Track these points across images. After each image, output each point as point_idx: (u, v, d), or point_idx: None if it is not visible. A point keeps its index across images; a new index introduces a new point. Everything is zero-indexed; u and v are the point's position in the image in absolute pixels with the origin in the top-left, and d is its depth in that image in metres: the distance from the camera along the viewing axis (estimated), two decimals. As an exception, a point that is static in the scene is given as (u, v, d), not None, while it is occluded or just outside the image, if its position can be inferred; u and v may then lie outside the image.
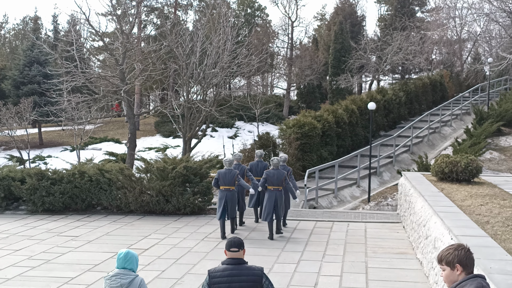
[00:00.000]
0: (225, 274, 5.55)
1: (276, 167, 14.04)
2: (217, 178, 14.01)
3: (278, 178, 13.89)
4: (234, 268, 5.57)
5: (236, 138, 35.71)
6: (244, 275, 5.54)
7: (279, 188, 13.96)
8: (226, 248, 5.64)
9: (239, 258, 5.61)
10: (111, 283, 5.96)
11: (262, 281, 5.57)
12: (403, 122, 33.02)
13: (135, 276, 5.97)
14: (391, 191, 22.57)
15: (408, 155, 27.38)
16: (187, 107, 22.99)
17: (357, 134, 28.00)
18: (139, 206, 17.47)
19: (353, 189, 23.01)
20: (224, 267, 5.59)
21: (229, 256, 5.62)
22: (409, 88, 34.42)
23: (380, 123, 30.67)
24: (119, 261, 5.98)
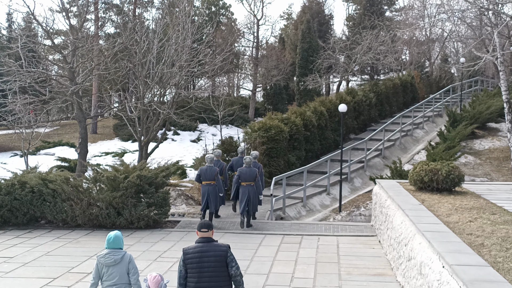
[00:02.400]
0: (196, 251, 6.94)
1: (249, 165, 16.04)
2: (199, 174, 16.09)
3: (250, 175, 15.97)
4: (204, 245, 6.96)
5: (199, 142, 34.94)
6: (212, 251, 6.93)
7: (251, 183, 15.99)
8: (198, 229, 7.03)
9: (208, 237, 7.02)
10: (105, 260, 7.60)
11: (227, 255, 6.94)
12: (373, 125, 32.73)
13: (124, 252, 7.70)
14: (364, 199, 21.89)
15: (380, 160, 26.95)
16: (143, 109, 21.61)
17: (326, 138, 27.34)
18: (87, 220, 16.28)
19: (323, 197, 22.22)
20: (195, 245, 7.00)
21: (200, 235, 7.04)
22: (380, 89, 33.99)
23: (350, 125, 30.17)
24: (109, 243, 7.66)
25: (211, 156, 16.27)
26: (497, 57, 23.77)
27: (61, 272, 11.77)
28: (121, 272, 7.63)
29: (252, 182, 16.00)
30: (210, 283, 6.94)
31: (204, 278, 6.95)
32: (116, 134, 38.07)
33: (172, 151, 32.07)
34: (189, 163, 28.66)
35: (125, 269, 7.65)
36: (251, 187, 16.00)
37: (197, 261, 6.91)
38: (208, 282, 6.94)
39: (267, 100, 44.31)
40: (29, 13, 28.41)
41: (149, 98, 23.16)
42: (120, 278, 7.63)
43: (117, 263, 7.62)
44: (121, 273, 7.63)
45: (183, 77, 22.66)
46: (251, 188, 15.99)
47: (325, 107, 27.92)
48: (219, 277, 6.97)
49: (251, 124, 24.22)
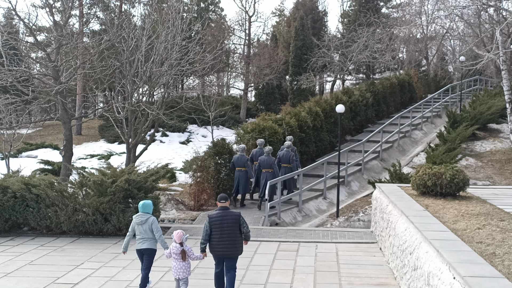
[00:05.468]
0: (218, 215, 10.16)
1: (268, 154, 19.82)
2: (233, 162, 19.91)
3: (268, 163, 19.71)
4: (223, 212, 10.20)
5: (189, 144, 34.73)
6: (230, 216, 10.20)
7: (269, 170, 19.65)
8: (218, 200, 10.31)
9: (226, 206, 10.28)
10: (136, 220, 10.99)
11: (239, 219, 10.21)
12: (370, 126, 32.65)
13: (149, 216, 10.99)
14: (362, 203, 21.72)
15: (378, 162, 26.83)
16: (131, 110, 21.42)
17: (322, 140, 27.19)
18: (72, 227, 16.07)
19: (319, 201, 22.05)
20: (217, 212, 10.22)
21: (220, 205, 10.27)
22: (377, 88, 33.68)
23: (346, 126, 30.05)
24: (140, 208, 11.02)
25: (242, 146, 20.16)
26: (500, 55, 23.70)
27: (46, 282, 11.57)
28: (147, 229, 10.89)
29: (271, 169, 19.60)
30: (229, 236, 10.13)
31: (224, 234, 10.12)
32: (101, 136, 37.75)
33: (161, 154, 31.90)
34: (178, 166, 28.48)
35: (149, 228, 10.88)
36: (269, 173, 19.57)
37: (220, 222, 10.08)
38: (227, 236, 10.13)
39: (259, 100, 44.20)
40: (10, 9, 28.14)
41: (137, 98, 23.02)
42: (146, 233, 10.91)
43: (143, 223, 10.89)
44: (146, 230, 10.89)
45: (172, 76, 22.50)
46: (269, 174, 19.54)
47: (321, 107, 27.88)
48: (234, 233, 10.18)
49: (244, 126, 24.15)
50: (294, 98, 40.54)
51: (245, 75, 43.47)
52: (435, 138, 29.69)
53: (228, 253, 10.21)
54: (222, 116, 33.48)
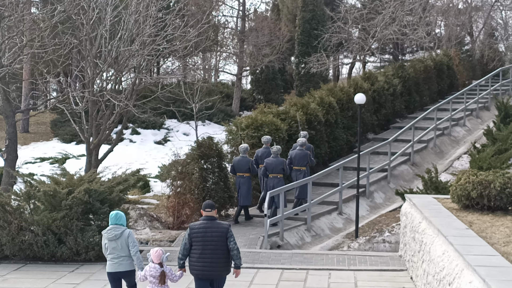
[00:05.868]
0: (201, 227, 10.44)
1: (276, 155, 19.99)
2: (233, 165, 20.44)
3: (277, 165, 19.86)
4: (208, 222, 10.48)
5: (166, 144, 34.71)
6: (215, 228, 10.45)
7: (278, 175, 19.84)
8: (203, 208, 10.59)
9: (212, 216, 10.58)
10: (107, 235, 11.24)
11: (227, 232, 10.46)
12: (399, 121, 32.67)
13: (124, 228, 11.25)
14: (388, 220, 21.81)
15: (409, 167, 27.06)
16: (92, 100, 21.46)
17: (336, 138, 27.24)
18: (17, 250, 16.12)
19: (333, 217, 22.21)
20: (200, 222, 10.52)
21: (204, 214, 10.57)
22: (407, 73, 34.03)
23: (368, 122, 30.06)
24: (112, 219, 11.29)
25: (245, 146, 20.40)
26: None
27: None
28: (123, 245, 11.16)
29: (280, 174, 19.83)
30: (212, 254, 10.40)
31: (207, 250, 10.39)
32: (55, 134, 37.70)
33: (131, 156, 31.94)
34: (153, 172, 28.45)
35: (126, 243, 11.16)
36: (277, 179, 19.76)
37: (202, 235, 10.36)
38: (210, 253, 10.39)
39: (256, 88, 43.86)
40: None
41: (100, 85, 23.03)
42: (122, 250, 11.18)
43: (117, 238, 11.15)
44: (123, 246, 11.16)
45: (145, 57, 22.53)
46: (278, 180, 19.72)
47: (335, 97, 27.84)
48: (219, 250, 10.43)
49: (237, 120, 24.23)
50: (302, 85, 40.45)
51: (238, 56, 43.20)
52: (481, 136, 29.76)
53: (209, 273, 10.52)
54: (209, 108, 33.18)
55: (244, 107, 42.76)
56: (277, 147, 20.24)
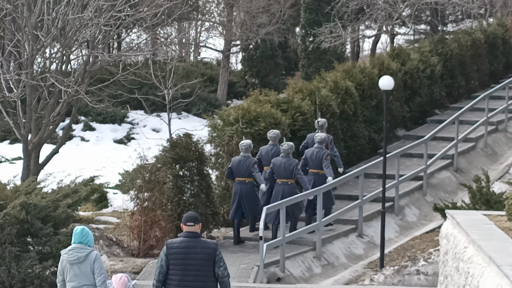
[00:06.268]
0: (182, 246, 10.36)
1: (287, 154, 20.24)
2: (231, 167, 20.58)
3: (286, 168, 20.06)
4: (190, 240, 10.39)
5: (130, 143, 35.05)
6: (199, 247, 10.35)
7: (288, 181, 20.16)
8: (183, 222, 10.49)
9: (195, 232, 10.48)
10: (68, 257, 11.22)
11: (215, 253, 10.37)
12: (438, 112, 33.04)
13: (91, 250, 11.25)
14: (423, 244, 21.92)
15: (451, 174, 27.19)
16: (31, 85, 21.49)
17: (355, 136, 27.19)
18: None
19: (350, 240, 22.36)
20: (181, 239, 10.45)
21: (185, 230, 10.48)
22: (449, 49, 34.12)
23: (397, 114, 30.35)
24: (75, 237, 11.27)
25: (247, 143, 20.70)
26: None
27: None
28: (87, 272, 11.22)
29: (291, 180, 20.20)
30: (195, 282, 10.36)
31: (188, 276, 10.35)
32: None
33: (83, 160, 32.08)
34: (112, 181, 28.49)
35: (91, 268, 11.20)
36: (287, 186, 20.16)
37: (183, 257, 10.31)
38: (193, 281, 10.35)
39: (249, 69, 44.06)
40: None
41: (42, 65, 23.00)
42: (86, 277, 11.22)
43: (81, 261, 11.20)
44: (87, 272, 11.22)
45: (102, 27, 22.64)
46: (288, 188, 20.14)
47: (354, 81, 28.02)
48: (205, 276, 10.41)
49: (223, 112, 24.50)
50: (309, 65, 40.71)
51: (226, 27, 43.55)
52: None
53: None
54: (186, 95, 33.10)
55: (233, 94, 42.76)
56: (289, 144, 20.51)
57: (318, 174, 21.23)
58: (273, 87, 36.10)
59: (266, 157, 21.25)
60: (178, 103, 27.18)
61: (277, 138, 21.48)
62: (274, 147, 21.23)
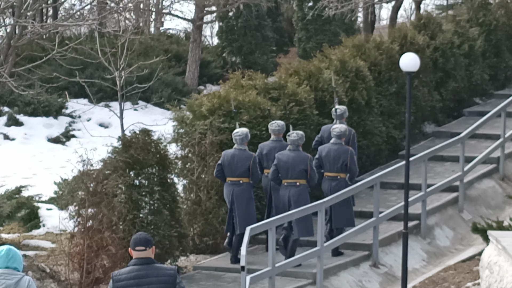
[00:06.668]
0: (131, 276, 10.08)
1: (296, 146, 20.81)
2: (221, 163, 21.24)
3: (295, 165, 20.46)
4: (142, 268, 10.07)
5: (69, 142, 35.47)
6: (154, 276, 10.06)
7: (297, 182, 20.54)
8: (131, 246, 10.11)
9: (147, 258, 10.11)
10: None
11: (175, 281, 10.10)
12: (479, 102, 33.59)
13: (21, 276, 10.80)
14: (459, 276, 21.90)
15: (496, 184, 27.33)
16: None
17: (369, 133, 27.36)
18: None
19: (362, 272, 22.34)
20: (129, 269, 10.15)
21: (135, 256, 10.12)
22: (493, 18, 34.66)
23: (424, 103, 30.61)
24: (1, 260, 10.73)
25: (243, 132, 21.39)
26: None
27: None
28: None
29: (301, 180, 20.61)
30: None
31: None
32: None
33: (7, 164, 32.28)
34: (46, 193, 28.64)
35: None
36: (296, 189, 20.64)
37: None
38: None
39: (228, 44, 44.69)
40: None
41: None
42: None
43: None
44: None
45: None
46: (296, 190, 20.62)
47: (367, 60, 28.32)
48: None
49: (193, 101, 24.99)
50: (308, 39, 41.61)
51: (197, -10, 43.77)
52: None
53: None
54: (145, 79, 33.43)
55: (207, 78, 43.15)
56: (298, 133, 21.00)
57: (336, 178, 21.69)
58: (260, 68, 36.99)
59: (268, 157, 21.64)
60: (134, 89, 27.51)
61: (282, 131, 21.85)
62: (279, 144, 21.63)
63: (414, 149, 26.69)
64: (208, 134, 23.07)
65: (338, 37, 35.36)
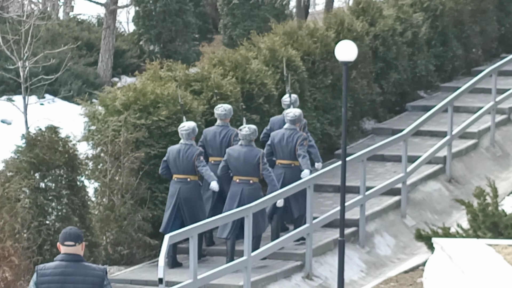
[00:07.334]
0: (57, 272, 10.07)
1: (248, 142, 20.93)
2: (166, 159, 21.28)
3: (248, 161, 20.75)
4: (69, 265, 10.08)
5: None
6: (81, 275, 10.00)
7: (250, 180, 20.83)
8: (60, 241, 10.19)
9: (76, 254, 10.10)
10: None
11: (103, 283, 10.10)
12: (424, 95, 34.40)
13: None
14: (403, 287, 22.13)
15: (442, 186, 27.49)
16: None
17: None
18: None
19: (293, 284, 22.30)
20: (56, 264, 10.16)
21: (63, 251, 10.14)
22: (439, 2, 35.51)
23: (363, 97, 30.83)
24: None
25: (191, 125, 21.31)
26: None
27: None
28: None
29: (254, 178, 20.94)
30: None
31: None
32: None
33: None
34: None
35: None
36: (248, 186, 20.96)
37: (58, 287, 9.84)
38: None
39: (146, 31, 44.77)
40: None
41: None
42: None
43: None
44: None
45: None
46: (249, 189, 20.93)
47: (300, 48, 28.55)
48: None
49: (106, 95, 24.77)
50: (234, 25, 42.14)
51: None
52: None
53: None
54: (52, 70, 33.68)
55: (122, 69, 43.06)
56: (251, 128, 21.35)
57: (290, 166, 22.26)
58: (181, 57, 37.31)
59: (212, 143, 22.24)
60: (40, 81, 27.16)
61: (229, 116, 22.40)
62: (224, 130, 22.20)
63: (351, 148, 27.23)
64: (123, 132, 22.73)
65: (267, 24, 35.28)
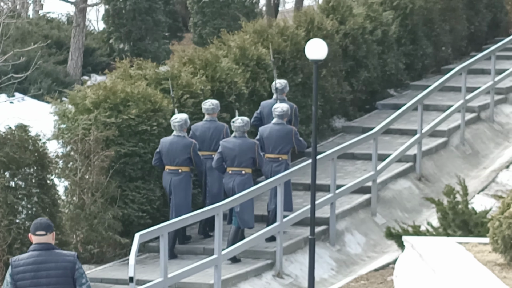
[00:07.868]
0: (30, 262, 10.78)
1: (242, 133, 21.34)
2: (159, 151, 21.64)
3: (243, 153, 21.07)
4: (41, 254, 10.85)
5: None
6: (53, 262, 10.76)
7: (242, 171, 21.21)
8: (32, 231, 10.96)
9: (47, 243, 10.92)
10: None
11: (74, 268, 10.80)
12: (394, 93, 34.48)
13: None
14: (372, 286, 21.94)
15: (412, 184, 27.54)
16: None
17: None
18: None
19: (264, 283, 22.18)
20: (29, 254, 10.88)
21: (35, 241, 10.92)
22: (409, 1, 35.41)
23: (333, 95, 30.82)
24: None
25: (183, 117, 21.76)
26: None
27: None
28: None
29: (246, 169, 21.30)
30: None
31: None
32: None
33: None
34: None
35: None
36: (240, 177, 21.33)
37: (32, 275, 10.52)
38: None
39: (116, 30, 44.55)
40: None
41: None
42: None
43: None
44: None
45: None
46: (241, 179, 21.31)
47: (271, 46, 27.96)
48: None
49: (76, 93, 24.49)
50: (204, 23, 42.02)
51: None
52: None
53: None
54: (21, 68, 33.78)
55: (92, 67, 43.06)
56: (244, 119, 21.66)
57: (278, 160, 22.52)
58: (151, 55, 37.35)
59: (203, 138, 22.41)
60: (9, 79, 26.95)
61: (217, 110, 22.71)
62: (213, 124, 22.50)
63: (321, 146, 27.16)
64: (93, 130, 22.57)
65: (237, 22, 35.50)
